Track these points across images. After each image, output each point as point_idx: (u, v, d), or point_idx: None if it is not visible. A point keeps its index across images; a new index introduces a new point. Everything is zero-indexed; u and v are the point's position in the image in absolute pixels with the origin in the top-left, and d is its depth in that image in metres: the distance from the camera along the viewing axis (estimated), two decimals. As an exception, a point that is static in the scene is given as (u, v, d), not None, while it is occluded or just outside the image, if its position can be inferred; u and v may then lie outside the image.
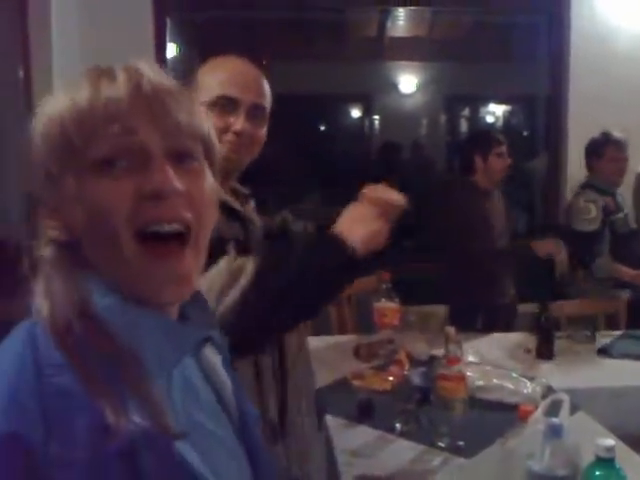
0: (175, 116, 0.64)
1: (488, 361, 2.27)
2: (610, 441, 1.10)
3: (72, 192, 0.62)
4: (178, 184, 0.62)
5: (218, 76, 1.36)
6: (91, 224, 0.62)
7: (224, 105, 1.32)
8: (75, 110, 0.62)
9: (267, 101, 1.39)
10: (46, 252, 0.64)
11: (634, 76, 3.57)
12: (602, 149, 3.15)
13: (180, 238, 0.64)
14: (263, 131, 1.38)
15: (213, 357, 0.75)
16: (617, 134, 3.16)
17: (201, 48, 4.33)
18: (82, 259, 0.64)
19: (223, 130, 1.31)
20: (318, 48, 5.33)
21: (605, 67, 3.54)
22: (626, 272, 3.07)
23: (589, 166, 3.23)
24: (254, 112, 1.34)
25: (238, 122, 1.32)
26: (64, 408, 0.57)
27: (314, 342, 2.57)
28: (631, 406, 2.10)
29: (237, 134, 1.32)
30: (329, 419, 1.80)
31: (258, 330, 1.17)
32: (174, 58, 3.75)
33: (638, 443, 1.63)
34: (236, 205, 1.34)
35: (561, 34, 3.67)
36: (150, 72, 0.64)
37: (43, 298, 0.62)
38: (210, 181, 0.68)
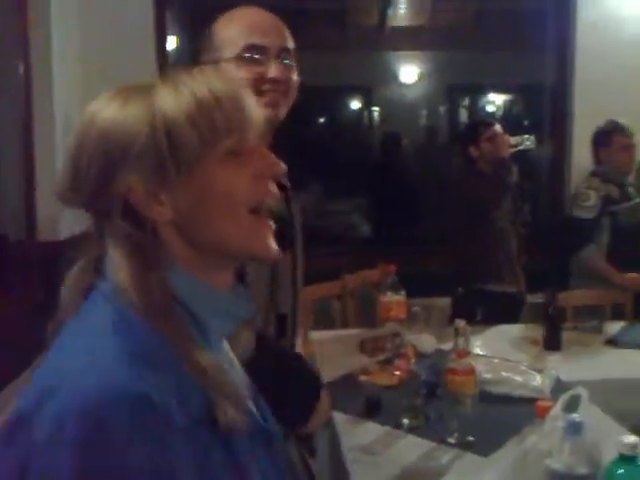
0: (257, 114, 0.76)
1: (495, 354, 2.24)
2: (634, 437, 1.07)
3: (189, 179, 0.70)
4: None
5: (239, 27, 1.29)
6: (210, 204, 0.71)
7: (253, 55, 1.26)
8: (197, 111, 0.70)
9: (292, 44, 1.33)
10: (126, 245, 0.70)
11: (640, 63, 3.53)
12: (609, 137, 3.10)
13: None
14: (296, 76, 1.32)
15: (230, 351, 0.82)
16: (624, 122, 3.11)
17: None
18: (159, 249, 0.71)
19: (257, 81, 1.24)
20: (317, 38, 5.25)
21: (611, 55, 3.50)
22: (613, 273, 2.97)
23: (596, 155, 3.18)
24: (284, 56, 1.28)
25: (272, 69, 1.26)
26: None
27: (317, 336, 2.54)
28: (640, 397, 2.06)
29: (275, 81, 1.26)
30: (336, 416, 1.76)
31: None
32: (174, 50, 3.70)
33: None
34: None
35: (567, 21, 3.62)
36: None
37: (131, 286, 0.68)
38: None
